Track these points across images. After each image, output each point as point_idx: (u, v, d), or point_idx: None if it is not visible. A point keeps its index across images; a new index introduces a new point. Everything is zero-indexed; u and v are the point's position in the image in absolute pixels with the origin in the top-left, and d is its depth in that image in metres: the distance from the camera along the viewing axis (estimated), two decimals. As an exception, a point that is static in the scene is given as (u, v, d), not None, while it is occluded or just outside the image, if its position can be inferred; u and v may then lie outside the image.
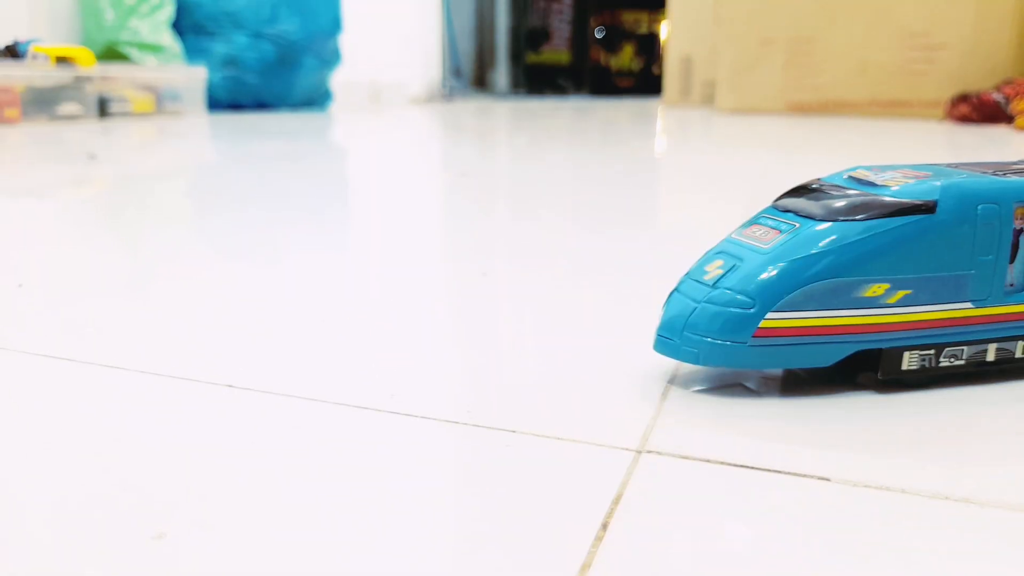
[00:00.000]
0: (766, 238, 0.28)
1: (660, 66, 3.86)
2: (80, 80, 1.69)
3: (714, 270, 0.28)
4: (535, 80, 4.59)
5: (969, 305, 0.28)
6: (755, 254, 0.28)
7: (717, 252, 0.29)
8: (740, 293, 0.27)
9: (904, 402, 0.27)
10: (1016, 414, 0.27)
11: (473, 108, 2.81)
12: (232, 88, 2.09)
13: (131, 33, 1.88)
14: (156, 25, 1.91)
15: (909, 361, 0.28)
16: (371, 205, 0.76)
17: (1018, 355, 0.29)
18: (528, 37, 4.60)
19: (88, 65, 1.70)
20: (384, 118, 2.18)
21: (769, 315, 0.27)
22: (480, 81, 4.46)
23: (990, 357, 0.29)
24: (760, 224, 0.29)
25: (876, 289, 0.27)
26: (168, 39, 1.95)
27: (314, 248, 0.54)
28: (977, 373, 0.29)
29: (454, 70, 3.74)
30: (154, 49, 1.92)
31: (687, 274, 0.29)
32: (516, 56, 4.57)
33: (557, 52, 4.64)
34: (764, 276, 0.27)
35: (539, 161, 1.15)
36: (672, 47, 2.66)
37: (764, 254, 0.27)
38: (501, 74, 4.51)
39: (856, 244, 0.27)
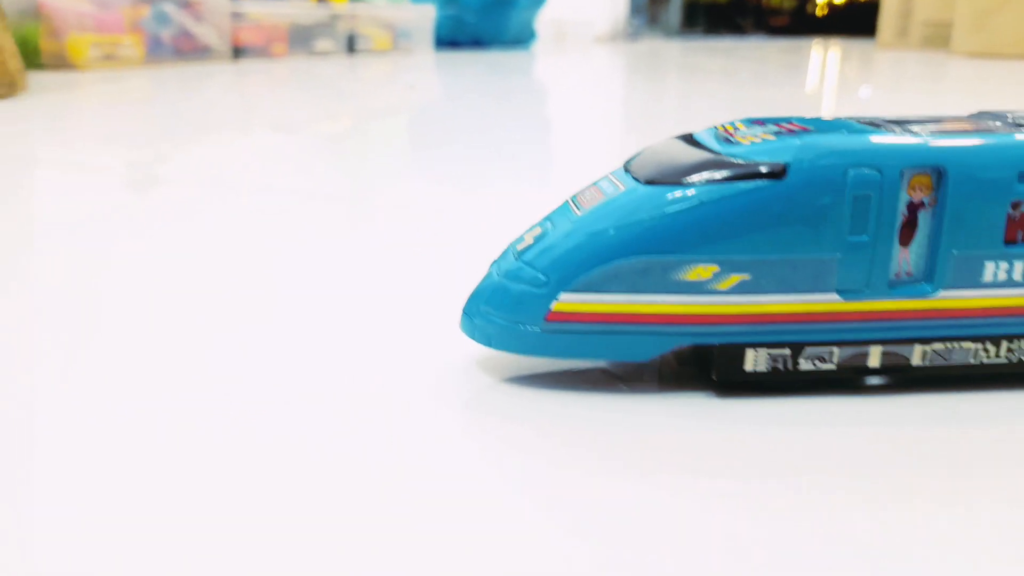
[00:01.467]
0: (588, 202, 0.23)
1: (815, 3, 3.59)
2: (335, 18, 1.80)
3: (529, 238, 0.23)
4: (707, 19, 4.46)
5: (835, 297, 0.22)
6: (566, 221, 0.23)
7: (547, 217, 0.24)
8: (536, 268, 0.22)
9: None
10: None
11: (656, 48, 2.78)
12: (452, 26, 2.17)
13: (367, -28, 1.98)
14: (388, -36, 2.00)
15: (754, 360, 0.22)
16: (569, 144, 0.79)
17: (916, 362, 0.23)
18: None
19: (342, 3, 1.81)
20: (576, 57, 2.21)
21: (562, 296, 0.22)
22: (653, 19, 4.39)
23: (874, 362, 0.23)
24: (599, 184, 0.24)
25: (701, 272, 0.21)
26: (398, -22, 2.04)
27: (518, 180, 0.57)
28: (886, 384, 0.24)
29: (637, 8, 3.70)
30: (387, -12, 2.01)
31: (512, 242, 0.24)
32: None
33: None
34: (561, 249, 0.22)
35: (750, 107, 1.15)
36: (886, -18, 2.51)
37: (572, 222, 0.22)
38: (674, 12, 4.42)
39: (674, 216, 0.21)
